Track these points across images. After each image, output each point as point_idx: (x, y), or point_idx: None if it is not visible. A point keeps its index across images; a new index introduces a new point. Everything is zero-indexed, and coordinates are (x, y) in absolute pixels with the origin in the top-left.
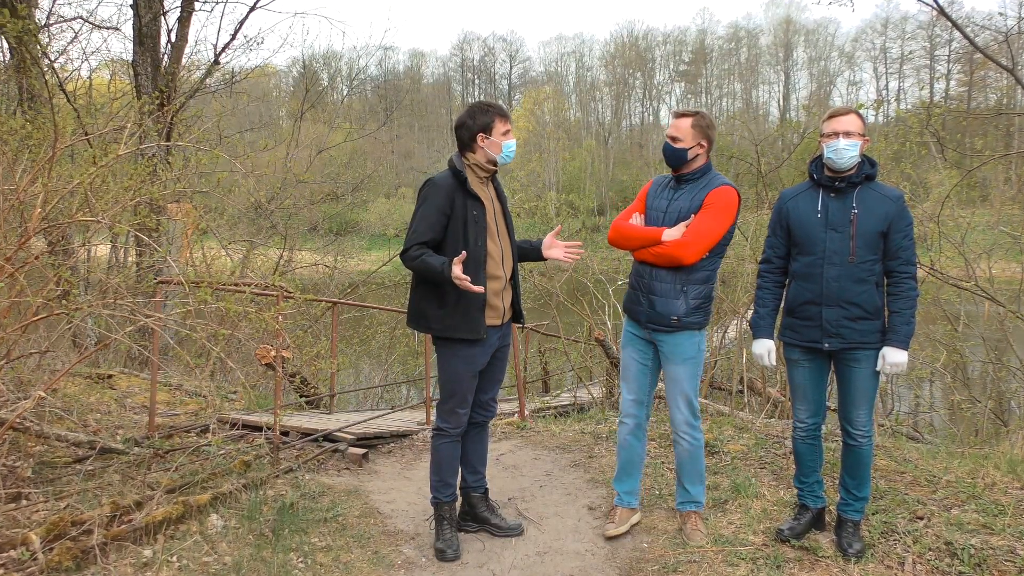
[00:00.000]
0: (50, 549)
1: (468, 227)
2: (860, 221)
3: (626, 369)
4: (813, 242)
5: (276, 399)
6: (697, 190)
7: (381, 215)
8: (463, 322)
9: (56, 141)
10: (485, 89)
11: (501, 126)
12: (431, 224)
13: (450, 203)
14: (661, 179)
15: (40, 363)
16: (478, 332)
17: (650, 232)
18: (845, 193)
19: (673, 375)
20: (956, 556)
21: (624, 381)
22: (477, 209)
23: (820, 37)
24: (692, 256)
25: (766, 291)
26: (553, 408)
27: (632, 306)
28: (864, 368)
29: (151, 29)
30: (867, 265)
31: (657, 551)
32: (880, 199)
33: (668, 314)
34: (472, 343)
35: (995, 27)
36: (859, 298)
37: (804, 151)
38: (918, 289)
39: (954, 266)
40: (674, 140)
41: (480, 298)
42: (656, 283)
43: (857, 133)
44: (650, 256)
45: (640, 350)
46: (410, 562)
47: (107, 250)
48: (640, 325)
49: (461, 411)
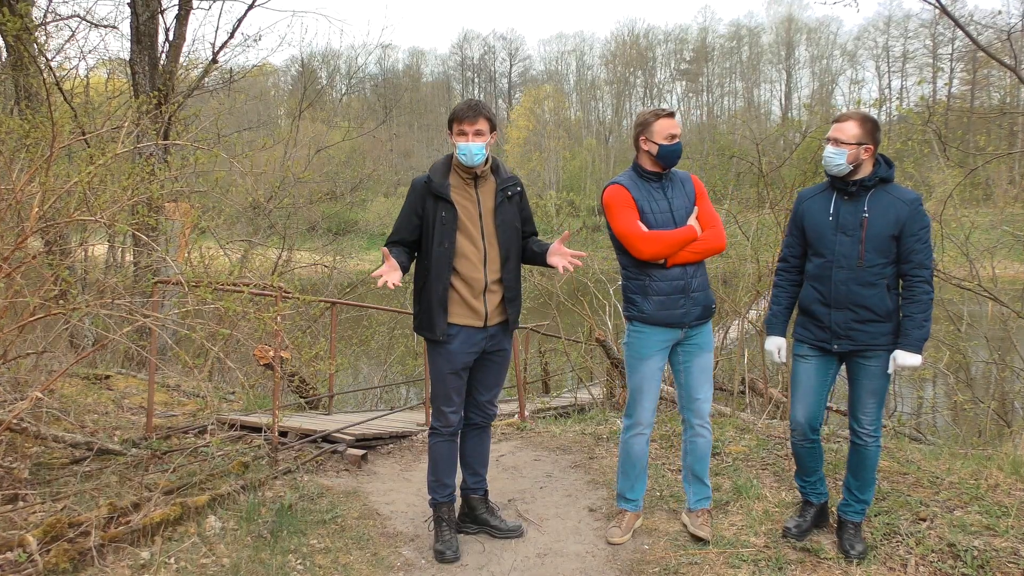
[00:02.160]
0: (47, 551)
1: (435, 228)
2: (870, 225)
3: (651, 380)
4: (824, 245)
5: (274, 400)
6: (678, 183)
7: (380, 214)
8: (424, 321)
9: (54, 140)
10: (485, 88)
11: (456, 126)
12: (403, 224)
13: (422, 204)
14: (626, 181)
15: (37, 363)
16: (434, 332)
17: (686, 233)
18: (858, 196)
19: (705, 364)
20: (959, 558)
21: (645, 393)
22: (446, 210)
23: (822, 35)
24: (725, 241)
25: (781, 289)
26: (553, 409)
27: (667, 312)
28: (874, 369)
29: (148, 27)
30: (876, 269)
31: (658, 553)
32: (893, 202)
33: (710, 304)
34: (440, 342)
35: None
36: (868, 301)
37: (805, 150)
38: (932, 293)
39: (957, 266)
40: (673, 138)
41: (438, 298)
42: (695, 280)
43: (846, 142)
44: (690, 256)
45: (663, 358)
46: (409, 564)
47: (104, 250)
48: (676, 328)
49: (447, 409)
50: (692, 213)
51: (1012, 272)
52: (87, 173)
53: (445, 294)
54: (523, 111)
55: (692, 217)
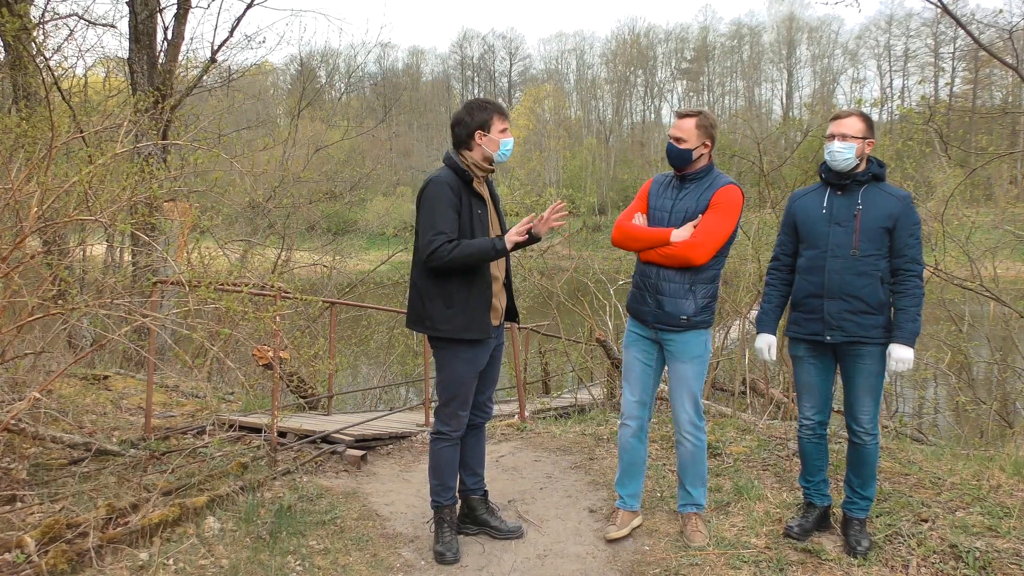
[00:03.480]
0: (45, 552)
1: (474, 225)
2: (864, 216)
3: (629, 370)
4: (817, 236)
5: (274, 400)
6: (702, 190)
7: (379, 214)
8: (471, 322)
9: (53, 139)
10: (485, 87)
11: (499, 123)
12: (451, 221)
13: (459, 201)
14: (662, 177)
15: (35, 364)
16: (486, 332)
17: (657, 233)
18: (851, 191)
19: (680, 374)
20: (961, 559)
21: (627, 382)
22: (481, 207)
23: (823, 34)
24: (703, 257)
25: (772, 288)
26: (553, 409)
27: (637, 306)
28: (868, 364)
29: (147, 26)
30: (870, 260)
31: (659, 554)
32: (885, 198)
33: (678, 314)
34: (476, 344)
35: (999, 24)
36: (861, 291)
37: (807, 149)
38: (923, 288)
39: (958, 266)
40: (678, 141)
41: (487, 298)
42: (664, 283)
43: (853, 136)
44: (658, 257)
45: (644, 350)
46: (409, 565)
47: (103, 250)
48: (646, 325)
49: (463, 413)
50: (693, 220)
51: (1014, 272)
52: (87, 173)
53: (489, 292)
54: (523, 110)
55: (689, 224)
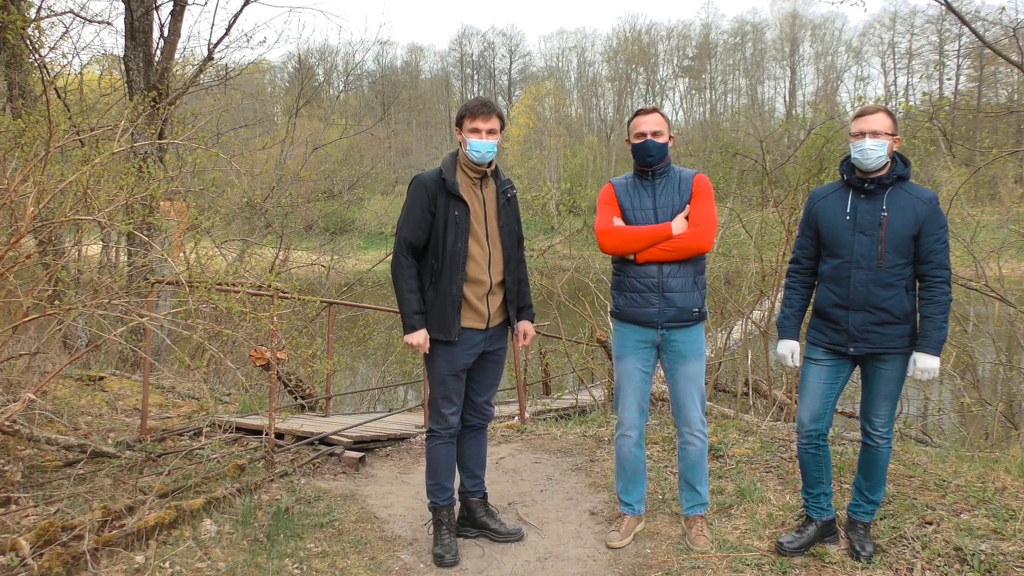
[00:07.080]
0: (40, 555)
1: (448, 228)
2: (889, 224)
3: (629, 379)
4: (841, 245)
5: (271, 402)
6: (677, 181)
7: (378, 213)
8: (436, 321)
9: (50, 138)
10: (484, 85)
11: (468, 123)
12: (417, 223)
13: (433, 202)
14: (622, 179)
15: (30, 364)
16: (449, 333)
17: (657, 230)
18: (875, 195)
19: (690, 372)
20: (966, 562)
21: (626, 392)
22: (459, 210)
23: (827, 32)
24: (711, 242)
25: (794, 291)
26: (554, 411)
27: (640, 310)
28: (890, 371)
29: (143, 24)
30: (896, 270)
31: (660, 557)
32: (911, 201)
33: (690, 308)
34: (447, 342)
35: (1004, 22)
36: (887, 303)
37: (810, 148)
38: (951, 294)
39: (963, 265)
40: (657, 135)
41: (455, 300)
42: (671, 279)
43: (885, 132)
44: (662, 253)
45: (643, 357)
46: (408, 568)
47: (98, 250)
48: (652, 328)
49: (447, 411)
50: (682, 212)
51: (1019, 272)
52: (83, 173)
53: (459, 295)
54: (523, 108)
55: (680, 216)
